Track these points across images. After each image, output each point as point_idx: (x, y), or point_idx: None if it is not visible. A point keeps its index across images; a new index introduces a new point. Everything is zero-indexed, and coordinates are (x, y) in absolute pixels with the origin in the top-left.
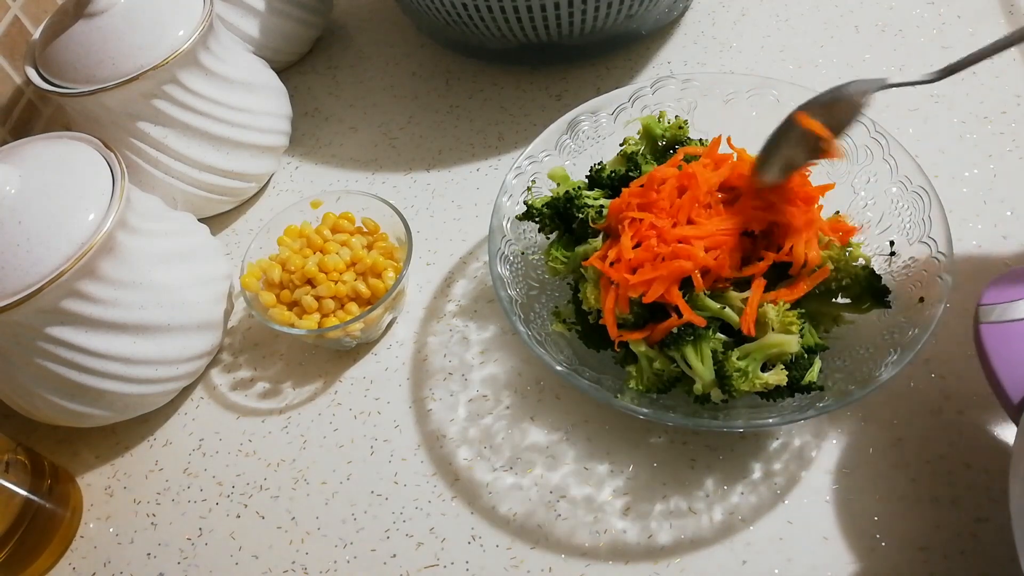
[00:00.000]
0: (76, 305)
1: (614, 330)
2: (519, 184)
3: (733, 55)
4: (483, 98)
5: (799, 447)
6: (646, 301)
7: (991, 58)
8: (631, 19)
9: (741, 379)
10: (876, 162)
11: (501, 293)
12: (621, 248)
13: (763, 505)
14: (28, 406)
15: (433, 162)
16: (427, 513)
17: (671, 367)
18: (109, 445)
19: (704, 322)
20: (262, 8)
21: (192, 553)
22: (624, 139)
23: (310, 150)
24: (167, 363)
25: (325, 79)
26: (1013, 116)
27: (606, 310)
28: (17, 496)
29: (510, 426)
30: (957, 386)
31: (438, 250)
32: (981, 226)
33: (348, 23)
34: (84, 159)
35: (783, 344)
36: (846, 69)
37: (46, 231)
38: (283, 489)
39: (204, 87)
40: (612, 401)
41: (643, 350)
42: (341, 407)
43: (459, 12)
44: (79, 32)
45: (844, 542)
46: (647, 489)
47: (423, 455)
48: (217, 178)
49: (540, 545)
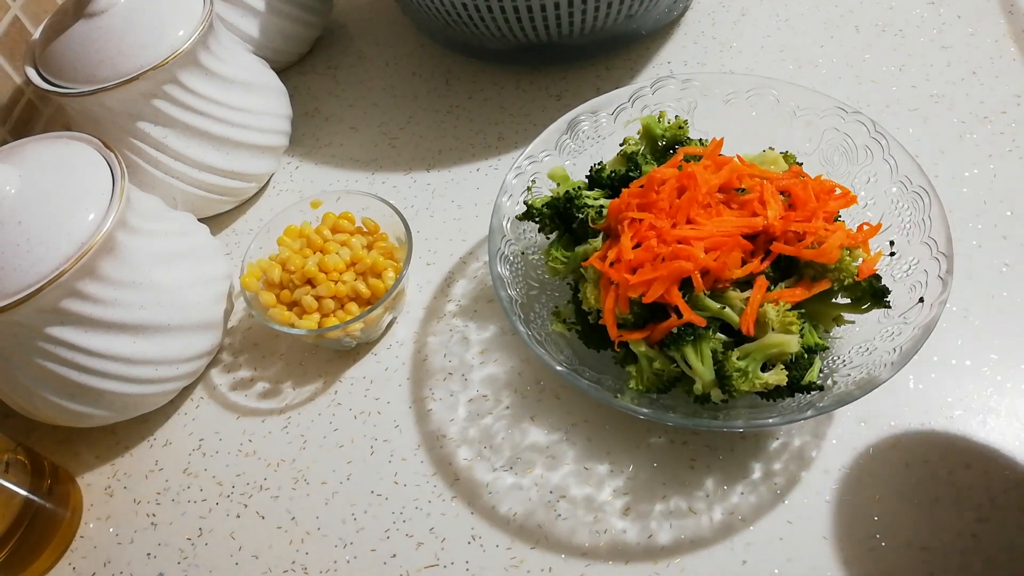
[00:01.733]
0: (76, 305)
1: (614, 330)
2: (519, 184)
3: (733, 55)
4: (483, 98)
5: (799, 447)
6: (646, 301)
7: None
8: (631, 19)
9: (741, 379)
10: (876, 162)
11: (501, 293)
12: (621, 248)
13: (763, 505)
14: (28, 406)
15: (433, 162)
16: (427, 513)
17: (671, 367)
18: (109, 445)
19: (704, 322)
20: (262, 8)
21: (192, 553)
22: (624, 139)
23: (310, 150)
24: (167, 363)
25: (325, 79)
26: (1013, 116)
27: (606, 310)
28: (17, 496)
29: (510, 426)
30: (957, 386)
31: (438, 250)
32: (981, 226)
33: (348, 23)
34: (84, 159)
35: (783, 344)
36: (846, 69)
37: (46, 231)
38: (283, 489)
39: (204, 87)
40: (612, 401)
41: (643, 350)
42: (341, 407)
43: (459, 12)
44: (79, 32)
45: (844, 542)
46: (647, 489)
47: (423, 455)
48: (217, 178)
49: (540, 545)
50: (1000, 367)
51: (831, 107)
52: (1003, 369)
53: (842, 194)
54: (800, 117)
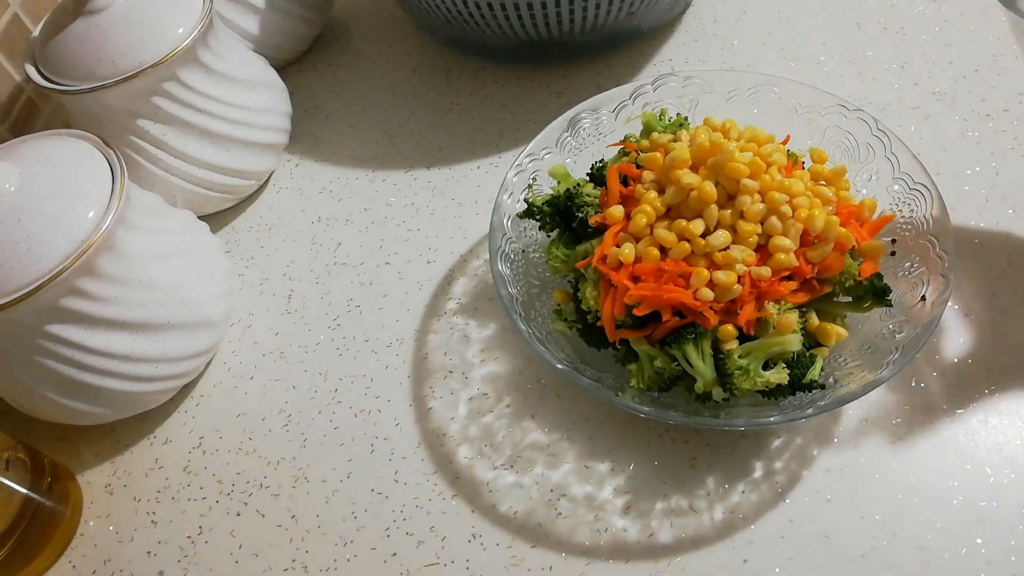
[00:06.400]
0: (76, 303)
1: (612, 332)
2: (520, 181)
3: (735, 52)
4: (483, 96)
5: (800, 446)
6: (637, 313)
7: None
8: (632, 16)
9: (743, 377)
10: (878, 160)
11: (501, 291)
12: (621, 253)
13: (764, 504)
14: (28, 404)
15: (433, 160)
16: (427, 511)
17: (672, 365)
18: (109, 443)
19: (715, 321)
20: (262, 5)
21: (192, 551)
22: (625, 136)
23: (310, 148)
24: (167, 361)
25: (325, 76)
26: (1015, 114)
27: (604, 312)
28: (17, 494)
29: (511, 424)
30: (959, 385)
31: (438, 248)
32: (983, 224)
33: (348, 21)
34: (84, 157)
35: (785, 343)
36: (848, 67)
37: (45, 229)
38: (283, 487)
39: (204, 84)
40: (613, 399)
41: (644, 348)
42: (341, 405)
43: (459, 9)
44: (79, 29)
45: (845, 541)
46: (648, 488)
47: (423, 453)
48: (217, 175)
49: (541, 544)
50: (1002, 365)
51: (833, 105)
52: (1005, 367)
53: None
54: (802, 115)
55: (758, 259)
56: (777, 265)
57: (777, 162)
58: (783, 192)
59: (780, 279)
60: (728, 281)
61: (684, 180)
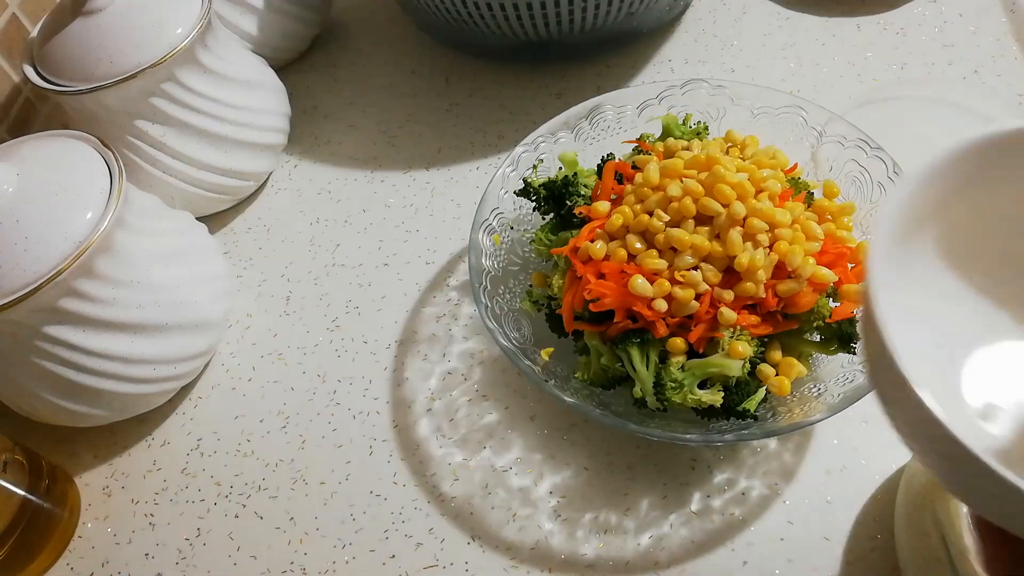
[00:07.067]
0: (74, 304)
1: (569, 323)
2: (527, 159)
3: (735, 53)
4: (483, 96)
5: (800, 447)
6: (593, 309)
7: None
8: (632, 17)
9: (675, 391)
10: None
11: (472, 260)
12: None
13: (764, 505)
14: (26, 406)
15: (433, 160)
16: (426, 514)
17: (617, 365)
18: (107, 445)
19: (664, 331)
20: (261, 6)
21: (190, 553)
22: (641, 135)
23: (309, 148)
24: (165, 362)
25: (324, 77)
26: (1015, 115)
27: (564, 302)
28: (15, 496)
29: (510, 427)
30: None
31: (437, 249)
32: None
33: (347, 21)
34: (82, 157)
35: (725, 367)
36: (848, 68)
37: (44, 230)
38: (282, 489)
39: (203, 85)
40: (543, 385)
41: (595, 344)
42: (340, 407)
43: (459, 10)
44: (77, 30)
45: (845, 542)
46: (648, 489)
47: (422, 455)
48: (215, 176)
49: (540, 546)
50: None
51: (855, 138)
52: None
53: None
54: (825, 144)
55: (724, 281)
56: (742, 292)
57: (770, 189)
58: (765, 220)
59: (743, 306)
60: (685, 297)
61: (669, 191)
